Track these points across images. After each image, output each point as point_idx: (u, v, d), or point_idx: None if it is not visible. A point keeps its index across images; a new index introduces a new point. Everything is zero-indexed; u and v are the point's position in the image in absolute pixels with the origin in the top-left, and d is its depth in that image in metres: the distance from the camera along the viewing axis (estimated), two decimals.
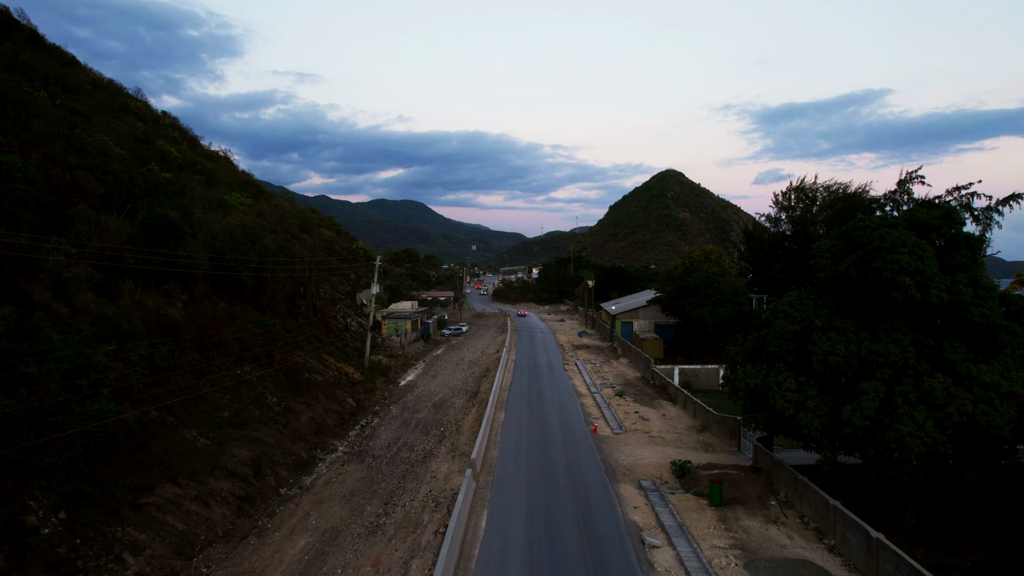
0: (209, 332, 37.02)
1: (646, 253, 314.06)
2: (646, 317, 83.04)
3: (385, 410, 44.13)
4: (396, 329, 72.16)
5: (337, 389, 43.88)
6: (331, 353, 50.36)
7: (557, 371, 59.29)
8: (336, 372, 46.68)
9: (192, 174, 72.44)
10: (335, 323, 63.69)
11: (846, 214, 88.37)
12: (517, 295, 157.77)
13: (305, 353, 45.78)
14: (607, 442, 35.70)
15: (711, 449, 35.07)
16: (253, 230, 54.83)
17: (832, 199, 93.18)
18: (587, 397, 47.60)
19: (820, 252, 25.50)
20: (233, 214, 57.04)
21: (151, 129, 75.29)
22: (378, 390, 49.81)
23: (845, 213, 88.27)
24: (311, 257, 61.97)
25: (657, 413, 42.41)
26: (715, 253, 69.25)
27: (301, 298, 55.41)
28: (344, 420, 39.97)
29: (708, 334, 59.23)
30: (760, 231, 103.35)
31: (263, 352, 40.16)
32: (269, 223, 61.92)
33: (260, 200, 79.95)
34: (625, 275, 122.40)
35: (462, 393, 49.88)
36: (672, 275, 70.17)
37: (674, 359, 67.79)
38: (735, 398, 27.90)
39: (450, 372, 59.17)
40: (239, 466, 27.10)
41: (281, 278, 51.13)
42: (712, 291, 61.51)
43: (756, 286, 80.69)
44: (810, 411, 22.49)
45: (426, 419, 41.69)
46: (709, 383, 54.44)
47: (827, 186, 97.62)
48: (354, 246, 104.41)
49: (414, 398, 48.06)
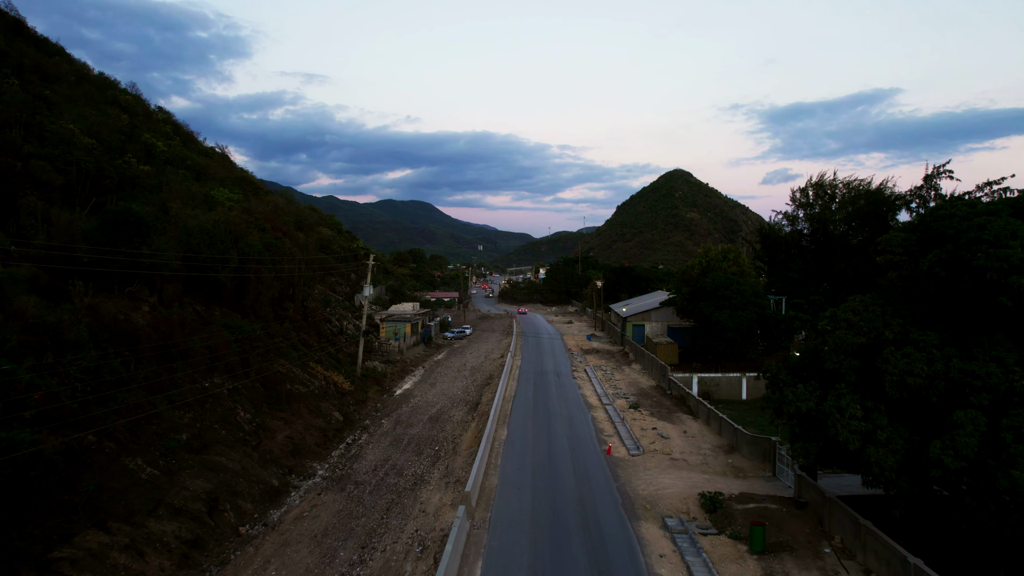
0: (175, 340, 32.76)
1: (654, 253, 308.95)
2: (659, 320, 78.33)
3: (376, 424, 39.73)
4: (395, 332, 67.81)
5: (323, 401, 39.52)
6: (320, 360, 46.05)
7: (565, 378, 54.72)
8: (323, 382, 42.34)
9: (181, 169, 68.52)
10: (329, 327, 59.44)
11: (869, 211, 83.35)
12: (523, 296, 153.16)
13: (289, 361, 41.48)
14: (623, 466, 31.10)
15: (742, 475, 30.41)
16: (237, 227, 50.68)
17: (853, 195, 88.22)
18: (598, 409, 43.01)
19: (891, 247, 20.77)
20: (218, 210, 52.92)
21: (139, 123, 71.39)
22: (370, 401, 45.43)
23: (868, 210, 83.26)
24: (302, 256, 57.73)
25: (677, 430, 37.75)
26: (733, 252, 64.47)
27: (290, 300, 51.15)
28: (328, 438, 35.57)
29: (728, 339, 54.48)
30: (775, 229, 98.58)
31: (238, 361, 35.85)
32: (258, 220, 57.77)
33: (253, 197, 75.95)
34: (635, 275, 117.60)
35: (462, 404, 45.42)
36: (687, 275, 65.44)
37: (690, 365, 63.05)
38: (779, 421, 23.26)
39: (450, 379, 54.73)
40: (190, 501, 22.73)
41: (266, 279, 46.89)
42: (732, 292, 56.75)
43: (773, 287, 75.79)
44: (882, 445, 17.85)
45: (420, 436, 37.25)
46: (731, 393, 49.72)
47: (847, 182, 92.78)
48: (354, 245, 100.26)
49: (409, 410, 43.65)
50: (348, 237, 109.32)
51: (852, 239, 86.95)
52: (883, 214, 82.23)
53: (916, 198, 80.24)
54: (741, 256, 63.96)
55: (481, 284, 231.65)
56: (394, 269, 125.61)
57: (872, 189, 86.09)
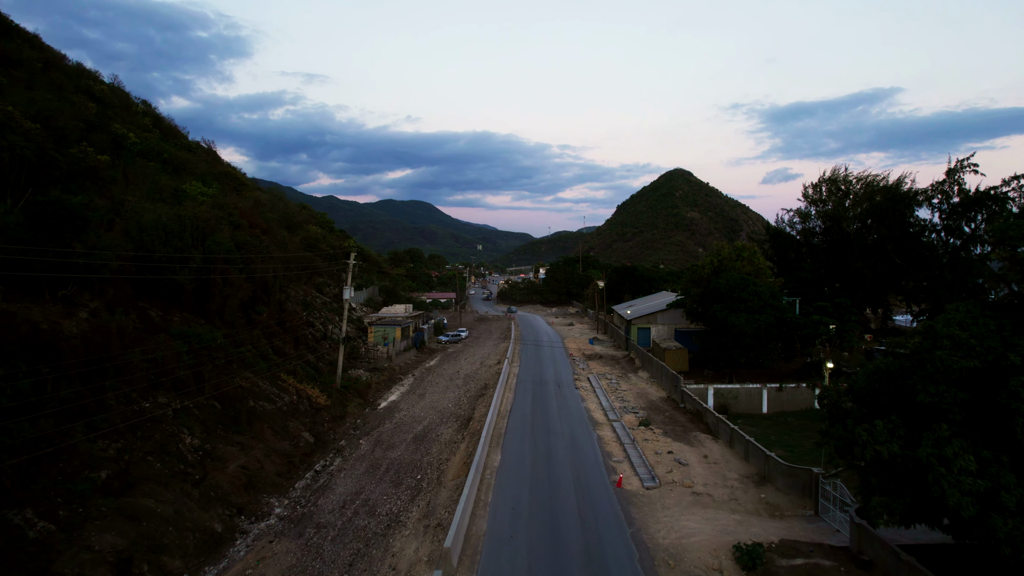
0: (112, 352, 27.66)
1: (654, 253, 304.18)
2: (665, 323, 73.19)
3: (353, 446, 34.60)
4: (384, 337, 62.67)
5: (292, 420, 34.37)
6: (293, 371, 40.89)
7: (567, 388, 49.57)
8: (295, 396, 37.19)
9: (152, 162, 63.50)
10: (311, 332, 54.33)
11: (887, 207, 78.08)
12: (523, 296, 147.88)
13: (256, 373, 36.35)
14: (637, 503, 25.94)
15: (779, 514, 25.29)
16: (206, 223, 45.59)
17: (869, 191, 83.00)
18: (604, 427, 37.86)
19: (1010, 237, 15.57)
20: (185, 205, 47.81)
21: (114, 114, 66.35)
22: (350, 416, 40.29)
23: (887, 207, 78.00)
24: (281, 255, 52.61)
25: (696, 454, 32.58)
26: (748, 250, 59.24)
27: (264, 303, 46.02)
28: (293, 465, 30.42)
29: (744, 345, 49.31)
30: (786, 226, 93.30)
31: (191, 376, 30.72)
32: (232, 216, 52.58)
33: (234, 193, 70.85)
34: (638, 275, 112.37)
35: (452, 420, 40.30)
36: (698, 275, 60.25)
37: (701, 372, 57.96)
38: (840, 464, 18.15)
39: (441, 389, 49.58)
40: (90, 567, 17.61)
41: (235, 280, 41.78)
42: (748, 294, 51.57)
43: (785, 288, 70.63)
44: (1012, 514, 12.72)
45: (401, 460, 32.11)
46: (750, 406, 44.57)
47: (861, 177, 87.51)
48: (345, 244, 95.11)
49: (393, 426, 38.52)
50: (340, 236, 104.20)
51: (867, 237, 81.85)
52: (902, 210, 77.08)
53: (939, 193, 75.25)
54: (756, 255, 58.70)
55: (480, 284, 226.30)
56: (389, 269, 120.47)
57: (889, 184, 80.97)
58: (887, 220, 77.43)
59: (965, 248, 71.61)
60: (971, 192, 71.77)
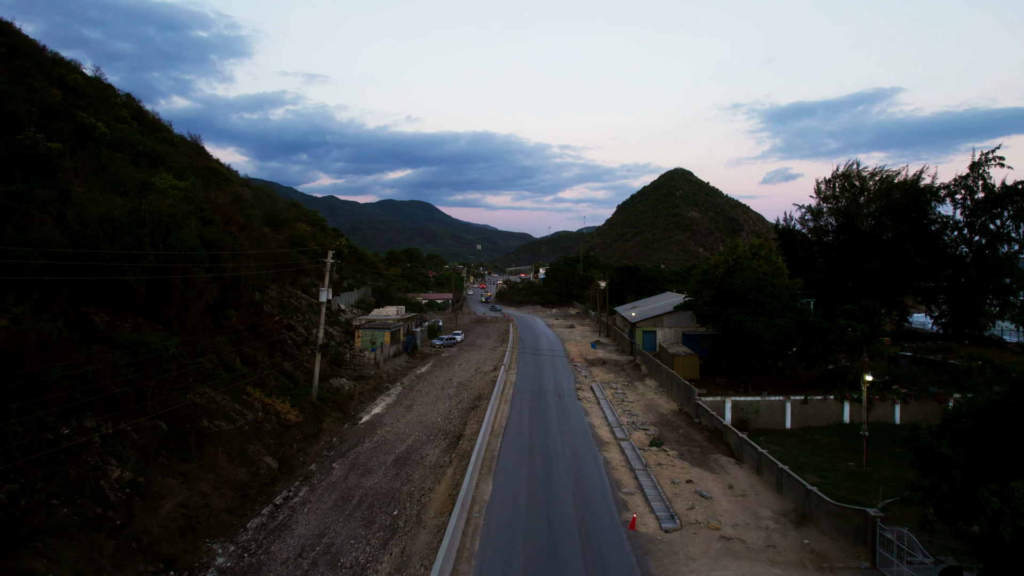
0: (29, 366, 22.99)
1: (655, 253, 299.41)
2: (672, 325, 68.45)
3: (324, 470, 29.89)
4: (372, 341, 57.97)
5: (253, 441, 29.64)
6: (263, 383, 36.18)
7: (568, 399, 44.86)
8: (260, 413, 32.47)
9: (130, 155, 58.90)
10: (293, 337, 49.68)
11: (907, 204, 73.21)
12: (522, 297, 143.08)
13: (216, 387, 31.63)
14: (656, 553, 21.18)
15: (827, 565, 20.57)
16: (172, 218, 40.96)
17: (886, 187, 78.19)
18: (612, 447, 33.14)
19: None
20: (150, 198, 43.15)
21: (88, 104, 61.75)
22: (325, 434, 35.58)
23: (906, 203, 73.14)
24: (255, 252, 47.92)
25: (719, 483, 27.84)
26: (764, 248, 54.47)
27: (234, 306, 41.33)
28: (248, 498, 25.68)
29: (763, 352, 44.58)
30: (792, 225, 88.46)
31: (131, 393, 26.02)
32: (204, 211, 47.91)
33: (214, 188, 66.18)
34: (641, 275, 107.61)
35: (440, 437, 35.60)
36: (710, 275, 55.52)
37: (713, 380, 53.20)
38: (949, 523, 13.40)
39: (431, 400, 44.88)
40: None
41: (198, 280, 37.09)
42: (766, 296, 46.85)
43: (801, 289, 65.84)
44: None
45: (377, 490, 27.40)
46: (772, 421, 39.83)
47: (876, 173, 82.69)
48: (337, 243, 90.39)
49: (373, 446, 33.83)
50: (333, 234, 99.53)
51: (883, 235, 77.08)
52: (923, 207, 72.29)
53: (962, 188, 70.41)
54: (773, 253, 53.96)
55: (479, 284, 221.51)
56: (382, 269, 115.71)
57: (908, 180, 76.16)
58: (906, 217, 72.73)
59: (991, 246, 66.81)
60: (996, 187, 67.11)
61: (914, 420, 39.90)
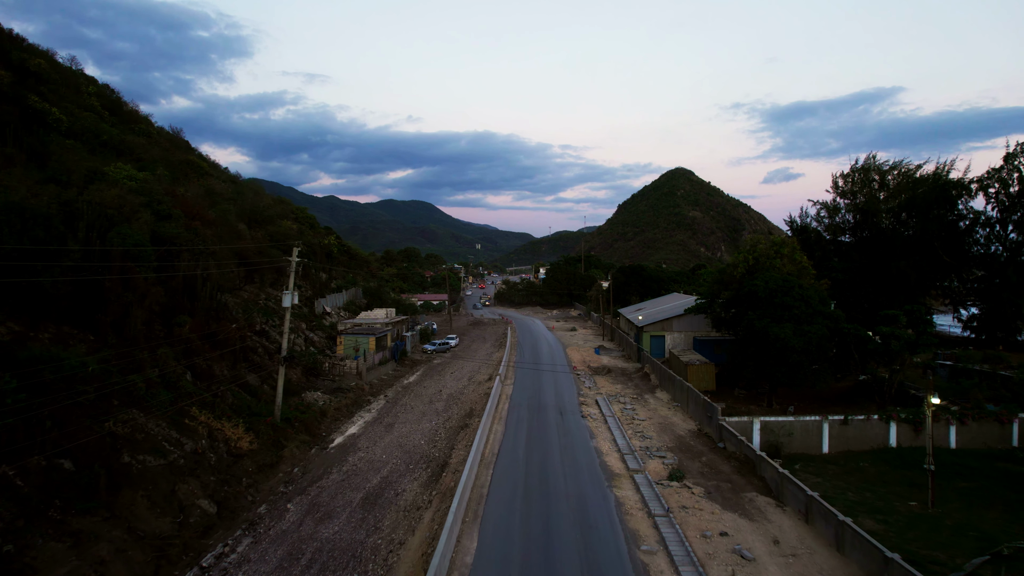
0: None
1: (656, 252, 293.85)
2: (682, 329, 62.86)
3: (276, 514, 24.27)
4: (356, 348, 52.33)
5: (187, 479, 23.98)
6: (212, 402, 30.51)
7: (571, 417, 39.22)
8: (202, 441, 26.83)
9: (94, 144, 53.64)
10: (267, 345, 44.08)
11: (933, 198, 67.37)
12: (521, 298, 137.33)
13: (149, 410, 26.00)
14: None
15: None
16: (118, 210, 35.53)
17: (909, 182, 72.29)
18: (624, 482, 27.48)
19: None
20: (92, 188, 37.69)
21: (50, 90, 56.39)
22: (285, 463, 29.94)
23: (933, 197, 67.30)
24: (215, 248, 42.36)
25: (761, 536, 22.14)
26: (788, 245, 48.78)
27: (189, 311, 35.71)
28: (167, 560, 19.97)
29: (791, 363, 38.97)
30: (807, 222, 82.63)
31: (18, 426, 20.43)
32: (162, 204, 42.35)
33: (187, 180, 60.63)
34: (646, 275, 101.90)
35: (421, 466, 29.98)
36: (727, 276, 49.86)
37: (731, 391, 47.58)
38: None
39: (416, 417, 39.28)
40: None
41: (139, 282, 31.50)
42: (793, 299, 41.24)
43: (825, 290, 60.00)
44: None
45: (336, 542, 21.77)
46: (807, 444, 34.12)
47: (895, 166, 76.73)
48: (325, 242, 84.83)
49: (340, 478, 28.21)
50: (323, 232, 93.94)
51: (904, 232, 71.33)
52: (951, 201, 66.48)
53: (996, 181, 64.68)
54: (797, 251, 48.28)
55: (479, 285, 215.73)
56: (375, 269, 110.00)
57: (933, 173, 70.27)
58: (932, 213, 67.04)
59: None
60: None
61: (973, 445, 34.23)
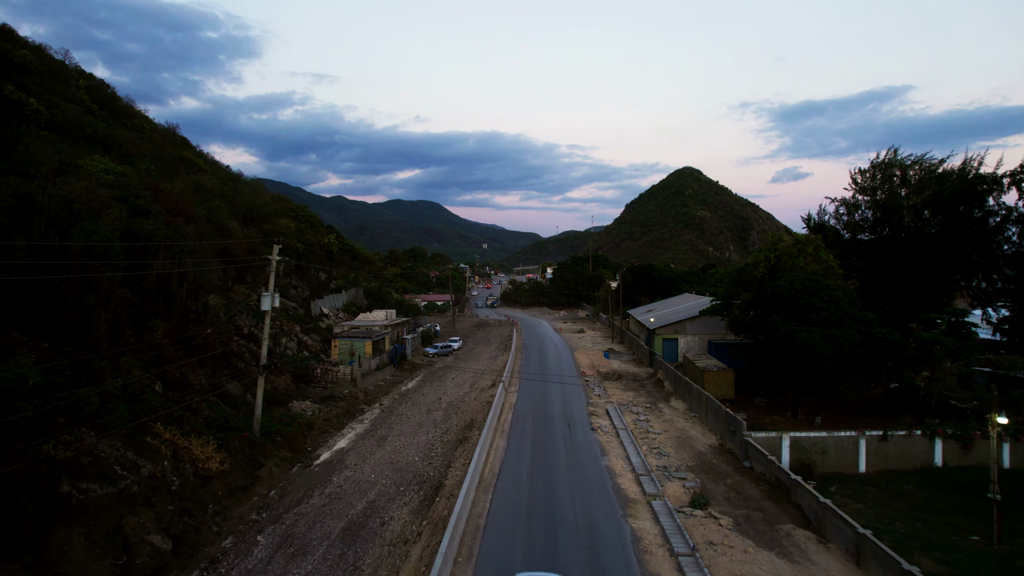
0: None
1: (664, 252, 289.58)
2: (696, 332, 59.28)
3: (242, 549, 21.03)
4: (351, 353, 49.13)
5: (138, 510, 20.75)
6: (181, 416, 27.31)
7: (580, 430, 35.82)
8: (165, 462, 23.62)
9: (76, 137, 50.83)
10: (252, 350, 40.98)
11: (964, 193, 63.46)
12: (528, 298, 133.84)
13: (102, 429, 22.81)
14: None
15: None
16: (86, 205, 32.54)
17: (933, 177, 68.21)
18: (640, 509, 24.04)
19: None
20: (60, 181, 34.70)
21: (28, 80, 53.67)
22: (262, 484, 26.71)
23: (963, 191, 63.38)
24: (190, 244, 39.26)
25: None
26: (812, 243, 45.14)
27: (163, 315, 32.60)
28: None
29: (821, 371, 35.37)
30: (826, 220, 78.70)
31: None
32: (140, 199, 39.32)
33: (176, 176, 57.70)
34: (656, 275, 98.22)
35: (413, 488, 26.68)
36: (746, 275, 46.27)
37: (751, 400, 44.03)
38: None
39: (411, 429, 36.00)
40: None
41: (102, 282, 28.41)
42: (821, 301, 37.66)
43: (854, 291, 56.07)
44: None
45: None
46: (842, 462, 30.51)
47: (917, 161, 72.60)
48: (325, 240, 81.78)
49: (321, 503, 24.96)
50: (323, 231, 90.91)
51: (928, 230, 67.33)
52: (983, 197, 62.43)
53: None
54: (822, 250, 44.65)
55: (484, 284, 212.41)
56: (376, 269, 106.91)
57: (960, 168, 66.18)
58: (959, 209, 63.03)
59: None
60: None
61: None
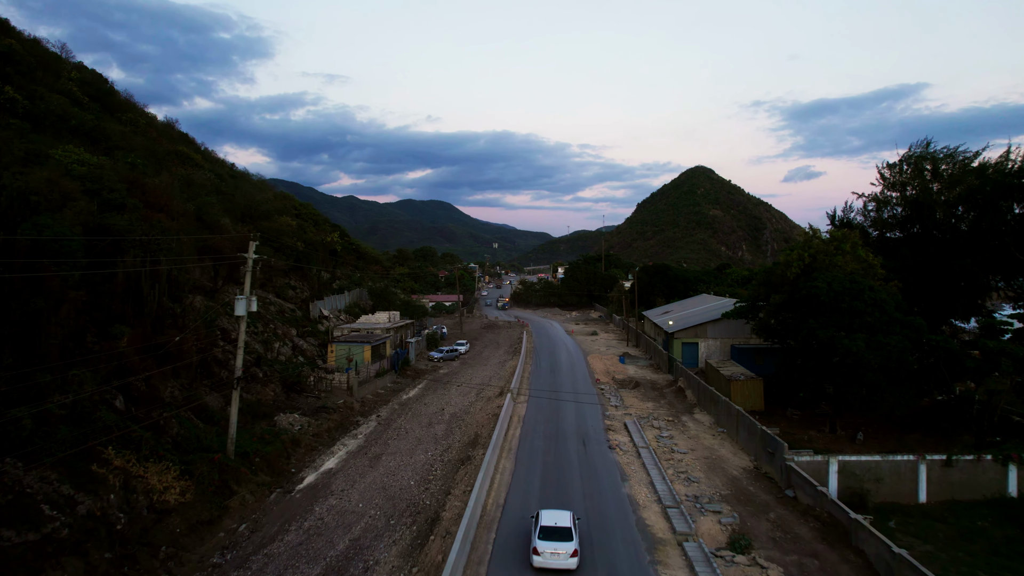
0: None
1: (676, 251, 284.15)
2: (718, 336, 55.03)
3: None
4: (348, 359, 45.50)
5: (65, 560, 17.11)
6: (140, 438, 23.67)
7: (596, 448, 31.85)
8: (112, 496, 19.99)
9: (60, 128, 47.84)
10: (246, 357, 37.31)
11: (1003, 189, 58.67)
12: (539, 299, 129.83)
13: (30, 458, 19.21)
14: None
15: None
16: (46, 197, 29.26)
17: (969, 171, 63.32)
18: (670, 553, 20.05)
19: None
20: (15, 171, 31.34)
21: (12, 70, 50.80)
22: (230, 518, 23.00)
23: (1003, 188, 58.58)
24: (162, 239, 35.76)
25: None
26: (849, 240, 40.86)
27: (130, 320, 29.08)
28: None
29: (867, 382, 31.15)
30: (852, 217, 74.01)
31: None
32: (114, 192, 35.88)
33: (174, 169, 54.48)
34: (672, 275, 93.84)
35: (405, 521, 22.88)
36: (776, 276, 42.06)
37: (783, 413, 39.82)
38: None
39: (409, 446, 32.24)
40: None
41: (54, 284, 24.92)
42: (865, 304, 33.42)
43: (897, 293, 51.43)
44: None
45: None
46: (898, 490, 26.29)
47: (950, 154, 67.72)
48: (328, 239, 78.37)
49: (298, 540, 21.22)
50: (327, 229, 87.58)
51: (961, 226, 62.59)
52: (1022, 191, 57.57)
53: None
54: (860, 248, 40.35)
55: (495, 284, 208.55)
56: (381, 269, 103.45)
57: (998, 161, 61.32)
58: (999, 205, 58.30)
59: None
60: None
61: None
